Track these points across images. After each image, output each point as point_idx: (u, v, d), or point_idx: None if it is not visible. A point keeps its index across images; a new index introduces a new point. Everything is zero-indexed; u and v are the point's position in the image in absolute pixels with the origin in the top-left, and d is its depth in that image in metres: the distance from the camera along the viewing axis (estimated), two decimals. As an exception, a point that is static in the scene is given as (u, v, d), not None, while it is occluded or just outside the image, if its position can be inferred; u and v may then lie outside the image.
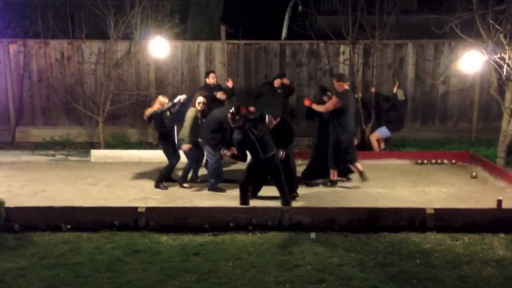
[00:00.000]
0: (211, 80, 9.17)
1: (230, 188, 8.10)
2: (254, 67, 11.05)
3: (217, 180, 8.00)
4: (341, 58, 10.99)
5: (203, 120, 8.07)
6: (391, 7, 10.54)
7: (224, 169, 8.53)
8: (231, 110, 6.96)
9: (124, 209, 6.49)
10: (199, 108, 7.98)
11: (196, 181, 8.37)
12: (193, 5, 13.17)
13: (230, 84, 9.37)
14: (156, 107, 8.06)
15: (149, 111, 8.09)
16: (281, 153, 7.29)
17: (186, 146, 7.91)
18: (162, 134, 8.11)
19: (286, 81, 9.68)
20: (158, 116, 7.98)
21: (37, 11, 10.94)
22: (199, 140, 7.93)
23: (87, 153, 10.02)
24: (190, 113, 7.93)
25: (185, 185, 8.16)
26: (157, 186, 8.12)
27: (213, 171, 7.91)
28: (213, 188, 7.93)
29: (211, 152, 7.83)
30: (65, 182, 8.46)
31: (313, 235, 6.09)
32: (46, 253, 5.61)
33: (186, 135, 7.86)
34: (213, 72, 9.45)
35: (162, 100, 8.12)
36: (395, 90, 10.14)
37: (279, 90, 9.58)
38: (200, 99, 8.00)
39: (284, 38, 13.94)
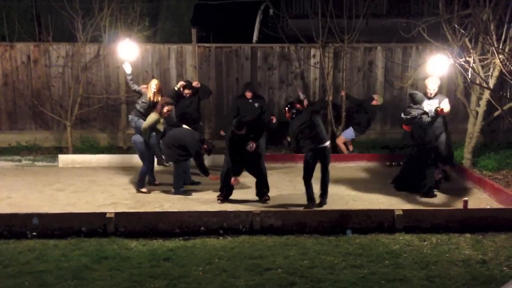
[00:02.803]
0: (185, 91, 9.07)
1: (201, 191, 8.07)
2: (226, 70, 11.03)
3: (182, 183, 8.02)
4: (312, 61, 11.06)
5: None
6: (361, 11, 10.66)
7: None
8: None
9: (92, 214, 6.38)
10: (165, 115, 7.97)
11: (154, 184, 8.29)
12: (163, 8, 13.03)
13: (196, 84, 9.23)
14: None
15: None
16: (250, 145, 7.26)
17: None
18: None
19: (249, 95, 9.38)
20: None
21: (3, 13, 10.65)
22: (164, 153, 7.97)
23: (54, 158, 9.81)
24: (154, 115, 7.88)
25: (143, 190, 8.04)
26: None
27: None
28: (179, 192, 7.89)
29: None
30: (32, 188, 8.26)
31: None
32: (10, 261, 5.46)
33: (146, 135, 7.84)
34: (190, 88, 9.10)
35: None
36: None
37: (256, 104, 9.31)
38: (168, 107, 7.97)
39: (255, 41, 13.95)
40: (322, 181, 7.52)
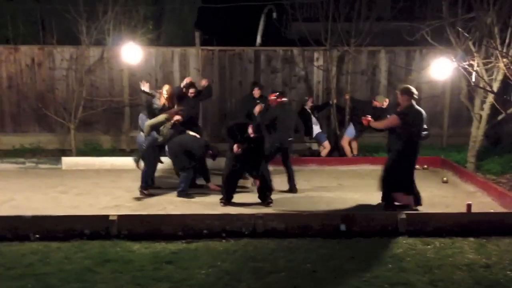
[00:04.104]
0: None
1: (204, 195, 8.07)
2: (229, 74, 11.05)
3: (187, 186, 8.01)
4: (316, 64, 11.07)
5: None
6: (365, 14, 10.66)
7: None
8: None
9: (95, 217, 6.37)
10: (176, 122, 7.96)
11: (152, 187, 8.29)
12: (167, 11, 13.11)
13: (204, 82, 9.24)
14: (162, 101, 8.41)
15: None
16: (236, 148, 7.31)
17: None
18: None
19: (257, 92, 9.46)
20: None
21: (7, 16, 10.72)
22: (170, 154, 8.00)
23: (58, 161, 9.83)
24: (162, 117, 7.91)
25: (145, 192, 8.02)
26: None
27: (187, 179, 7.91)
28: (183, 194, 7.90)
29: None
30: (35, 191, 8.26)
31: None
32: (13, 263, 5.45)
33: (147, 132, 7.84)
34: (195, 87, 9.15)
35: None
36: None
37: (258, 101, 9.31)
38: (179, 117, 7.97)
39: (259, 44, 13.98)
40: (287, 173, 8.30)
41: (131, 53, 9.49)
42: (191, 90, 8.94)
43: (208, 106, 10.68)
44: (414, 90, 7.02)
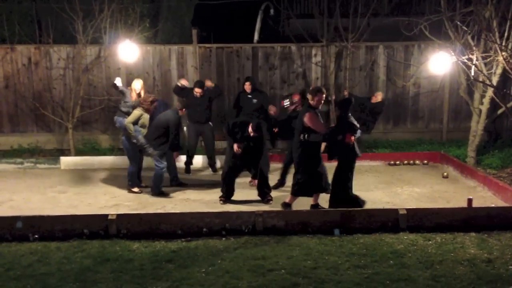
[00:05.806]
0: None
1: (202, 192, 8.03)
2: (227, 71, 11.00)
3: (161, 185, 7.98)
4: (314, 60, 11.03)
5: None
6: (363, 10, 10.62)
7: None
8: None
9: (94, 216, 6.34)
10: (150, 108, 7.90)
11: (140, 186, 8.27)
12: (163, 9, 13.03)
13: (209, 84, 9.23)
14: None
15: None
16: (236, 148, 7.29)
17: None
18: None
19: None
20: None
21: (3, 16, 10.65)
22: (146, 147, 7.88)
23: (56, 161, 9.79)
24: (137, 111, 7.87)
25: (134, 189, 8.02)
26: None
27: (159, 177, 7.84)
28: (158, 194, 7.87)
29: (156, 158, 7.78)
30: (33, 191, 8.23)
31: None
32: (12, 264, 5.43)
33: (130, 129, 7.76)
34: (202, 88, 9.05)
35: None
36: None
37: (254, 100, 9.16)
38: (155, 103, 7.95)
39: (256, 41, 13.91)
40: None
41: (128, 51, 9.46)
42: (197, 90, 8.86)
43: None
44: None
